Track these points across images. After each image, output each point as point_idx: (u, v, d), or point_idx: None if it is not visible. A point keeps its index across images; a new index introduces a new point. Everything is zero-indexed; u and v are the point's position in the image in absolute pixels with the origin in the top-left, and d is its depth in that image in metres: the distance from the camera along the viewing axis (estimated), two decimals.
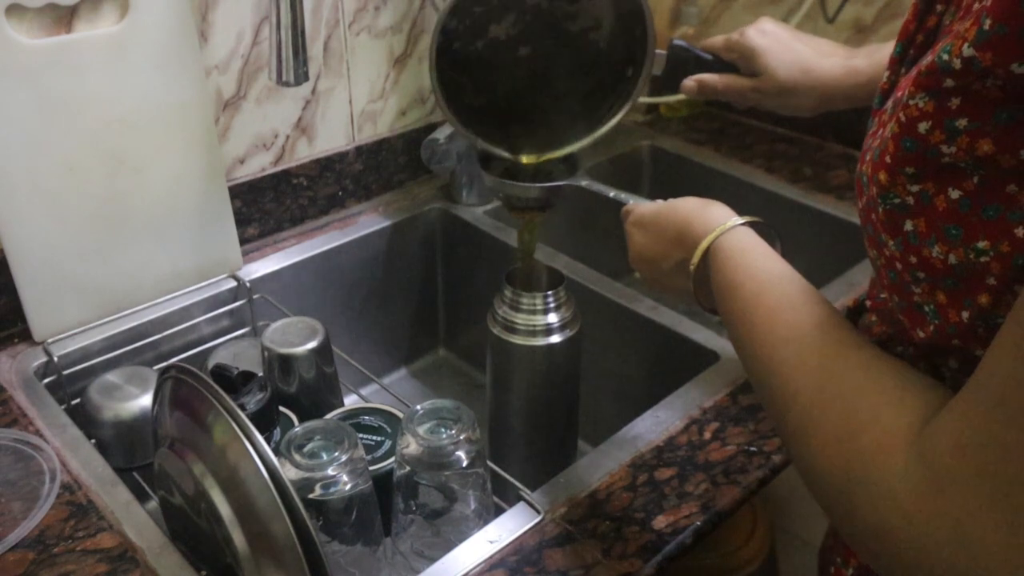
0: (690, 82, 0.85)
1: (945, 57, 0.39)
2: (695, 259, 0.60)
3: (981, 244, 0.40)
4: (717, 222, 0.60)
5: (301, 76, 0.83)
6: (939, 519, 0.37)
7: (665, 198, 0.70)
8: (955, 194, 0.41)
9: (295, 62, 0.82)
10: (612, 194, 0.77)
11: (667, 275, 0.65)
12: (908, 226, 0.43)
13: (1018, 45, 0.36)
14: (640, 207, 0.70)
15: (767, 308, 0.52)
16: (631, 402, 0.91)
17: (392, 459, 0.72)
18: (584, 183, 0.80)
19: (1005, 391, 0.36)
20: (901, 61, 0.51)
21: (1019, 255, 0.38)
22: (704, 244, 0.59)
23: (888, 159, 0.43)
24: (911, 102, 0.41)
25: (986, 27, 0.37)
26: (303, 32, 0.81)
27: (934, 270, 0.43)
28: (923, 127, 0.41)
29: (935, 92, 0.40)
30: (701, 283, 0.61)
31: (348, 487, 0.65)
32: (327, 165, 1.08)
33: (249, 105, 0.99)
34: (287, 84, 0.82)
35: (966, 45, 0.38)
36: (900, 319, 0.47)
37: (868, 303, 0.58)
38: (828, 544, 0.68)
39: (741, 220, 0.60)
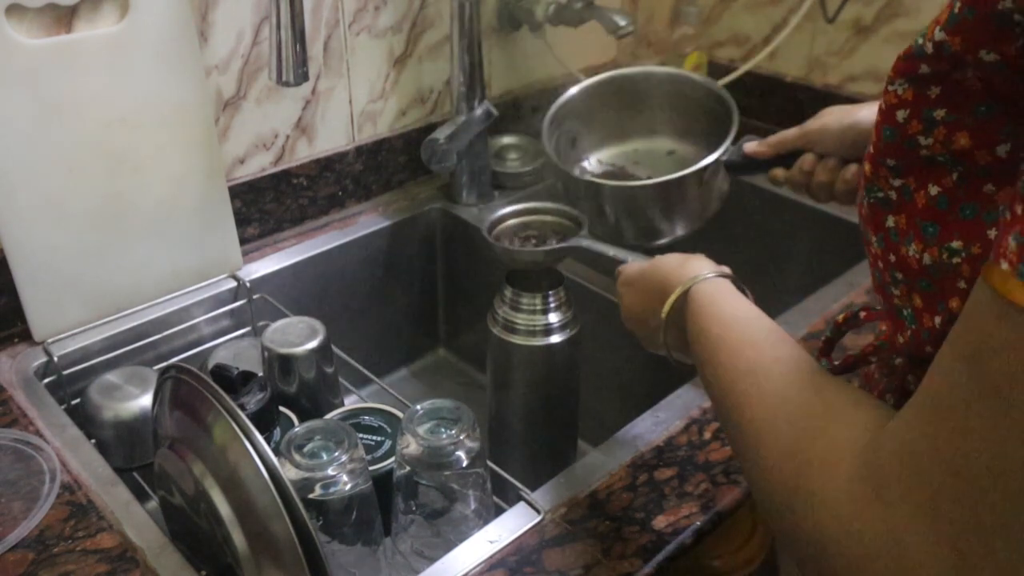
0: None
1: (920, 41, 0.39)
2: (665, 309, 0.62)
3: (955, 244, 0.40)
4: (691, 275, 0.61)
5: (301, 76, 0.83)
6: (875, 527, 0.36)
7: None
8: (934, 190, 0.41)
9: (295, 62, 0.82)
10: (612, 253, 0.79)
11: (655, 331, 0.65)
12: (890, 222, 0.43)
13: (985, 30, 0.35)
14: (628, 267, 0.71)
15: (730, 346, 0.53)
16: (631, 402, 0.91)
17: (392, 459, 0.72)
18: (584, 243, 0.82)
19: (943, 401, 0.34)
20: None
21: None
22: (673, 296, 0.61)
23: (871, 149, 0.43)
24: (891, 88, 0.41)
25: (956, 10, 0.36)
26: (303, 32, 0.81)
27: (910, 270, 0.42)
28: (901, 115, 0.41)
29: (913, 78, 0.40)
30: (674, 335, 0.63)
31: (348, 487, 0.65)
32: (327, 165, 1.08)
33: (249, 105, 0.99)
34: (287, 84, 0.82)
35: (938, 29, 0.37)
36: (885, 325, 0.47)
37: (862, 314, 0.58)
38: None
39: (713, 272, 0.61)
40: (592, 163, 1.02)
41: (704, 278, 0.60)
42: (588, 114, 1.00)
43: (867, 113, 0.74)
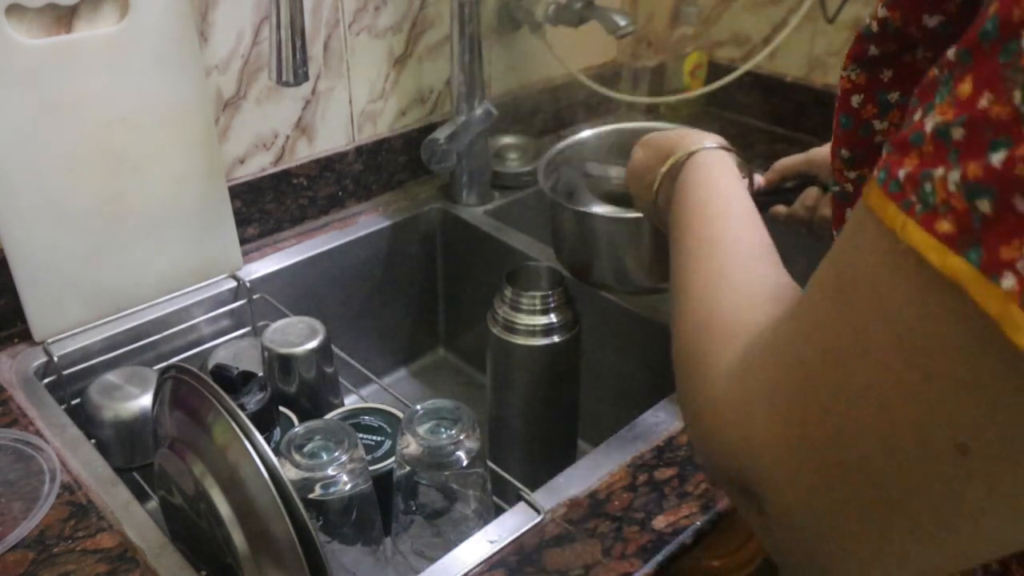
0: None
1: (867, 21, 0.39)
2: (664, 167, 0.63)
3: None
4: (699, 143, 0.62)
5: (301, 76, 0.83)
6: (735, 403, 0.38)
7: None
8: None
9: (295, 62, 0.82)
10: None
11: (648, 187, 0.66)
12: (849, 214, 0.43)
13: None
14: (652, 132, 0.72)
15: (704, 215, 0.54)
16: (631, 402, 0.91)
17: (392, 459, 0.72)
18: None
19: (808, 298, 0.36)
20: None
21: None
22: (674, 157, 0.62)
23: (832, 139, 0.43)
24: (844, 73, 0.41)
25: None
26: (303, 32, 0.81)
27: None
28: (856, 100, 0.41)
29: (864, 62, 0.40)
30: (664, 197, 0.64)
31: (348, 487, 0.65)
32: (327, 165, 1.08)
33: (249, 105, 0.99)
34: (287, 84, 0.82)
35: (880, 6, 0.38)
36: None
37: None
38: None
39: (717, 144, 0.62)
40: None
41: (707, 148, 0.61)
42: (588, 162, 0.98)
43: None
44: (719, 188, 0.57)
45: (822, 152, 0.78)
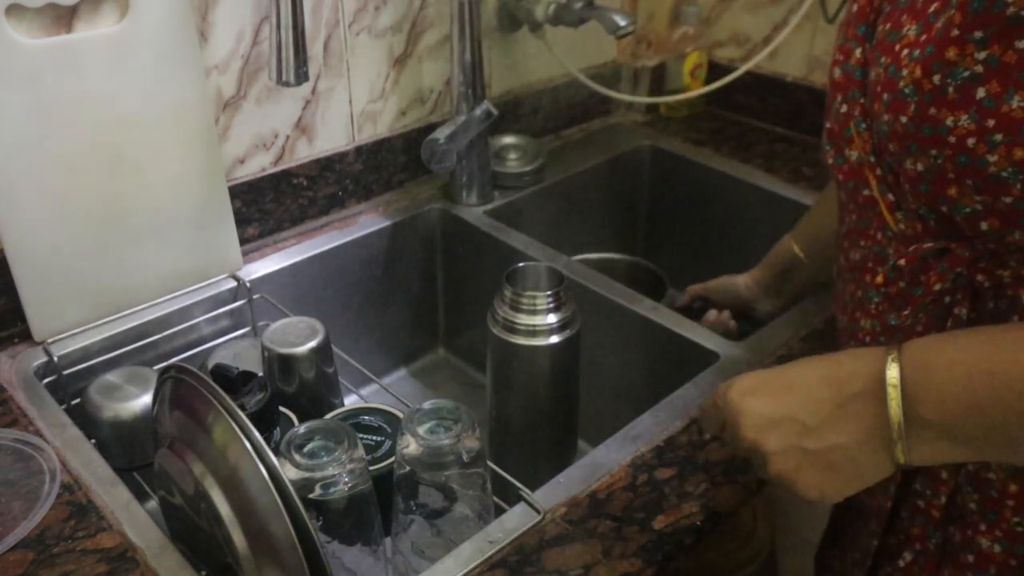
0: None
1: None
2: (892, 373, 0.47)
3: None
4: (866, 352, 0.50)
5: (301, 76, 0.83)
6: None
7: (665, 198, 0.70)
8: (1021, 44, 0.45)
9: (295, 62, 0.82)
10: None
11: (817, 431, 0.50)
12: (981, 93, 0.47)
13: None
14: (736, 380, 0.58)
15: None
16: (631, 402, 0.91)
17: (392, 459, 0.72)
18: None
19: None
20: (866, 36, 0.58)
21: None
22: (893, 365, 0.48)
23: (955, 32, 0.47)
24: None
25: None
26: (303, 32, 0.81)
27: (1013, 124, 0.46)
28: None
29: None
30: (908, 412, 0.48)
31: (348, 487, 0.65)
32: (327, 165, 1.08)
33: (249, 105, 0.99)
34: (287, 84, 0.82)
35: None
36: (971, 209, 0.49)
37: (902, 261, 0.53)
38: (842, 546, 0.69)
39: (884, 357, 0.49)
40: None
41: (897, 347, 0.49)
42: None
43: (743, 280, 1.01)
44: (991, 335, 0.48)
45: (719, 283, 1.02)
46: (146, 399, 0.79)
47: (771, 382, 0.54)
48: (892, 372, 0.47)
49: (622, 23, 1.09)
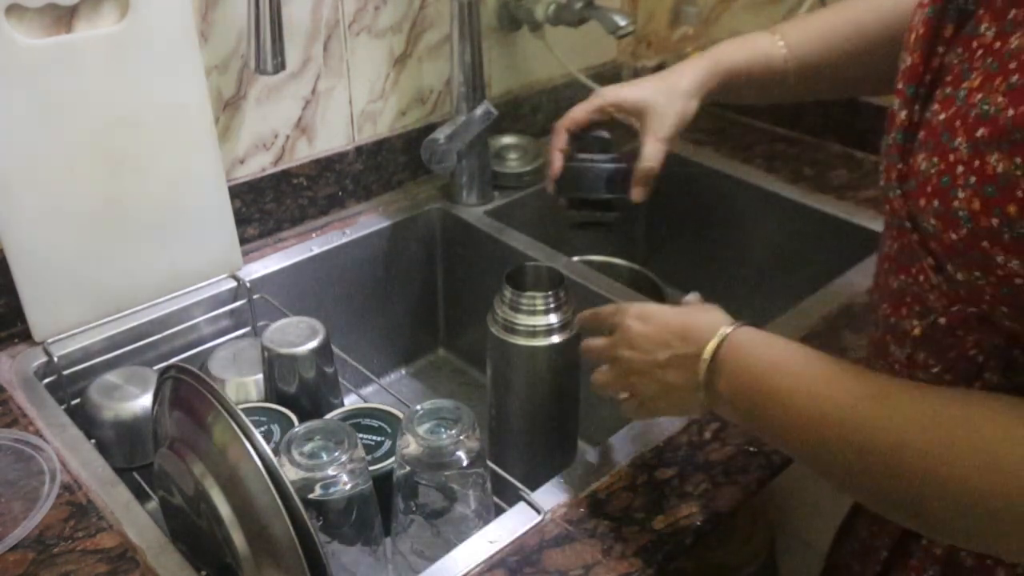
0: (639, 191, 0.84)
1: None
2: (709, 348, 0.59)
3: None
4: (720, 322, 0.61)
5: (278, 65, 0.85)
6: None
7: (665, 198, 0.70)
8: None
9: (272, 50, 0.85)
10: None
11: (659, 366, 0.63)
12: (981, 132, 0.45)
13: None
14: (638, 304, 0.69)
15: (821, 377, 0.54)
16: None
17: (392, 459, 0.72)
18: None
19: None
20: (916, 98, 0.54)
21: None
22: (722, 332, 0.59)
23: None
24: None
25: None
26: (280, 21, 0.82)
27: (986, 176, 0.45)
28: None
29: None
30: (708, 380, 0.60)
31: (348, 487, 0.65)
32: (327, 165, 1.08)
33: (249, 105, 0.99)
34: (264, 72, 0.85)
35: None
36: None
37: (943, 320, 0.56)
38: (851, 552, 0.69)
39: (738, 323, 0.61)
40: None
41: (740, 324, 0.60)
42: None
43: (659, 91, 0.84)
44: (795, 350, 0.57)
45: (625, 98, 0.84)
46: (146, 399, 0.79)
47: (656, 318, 0.65)
48: (711, 346, 0.59)
49: (622, 23, 1.09)
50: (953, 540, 0.54)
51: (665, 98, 0.82)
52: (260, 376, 0.86)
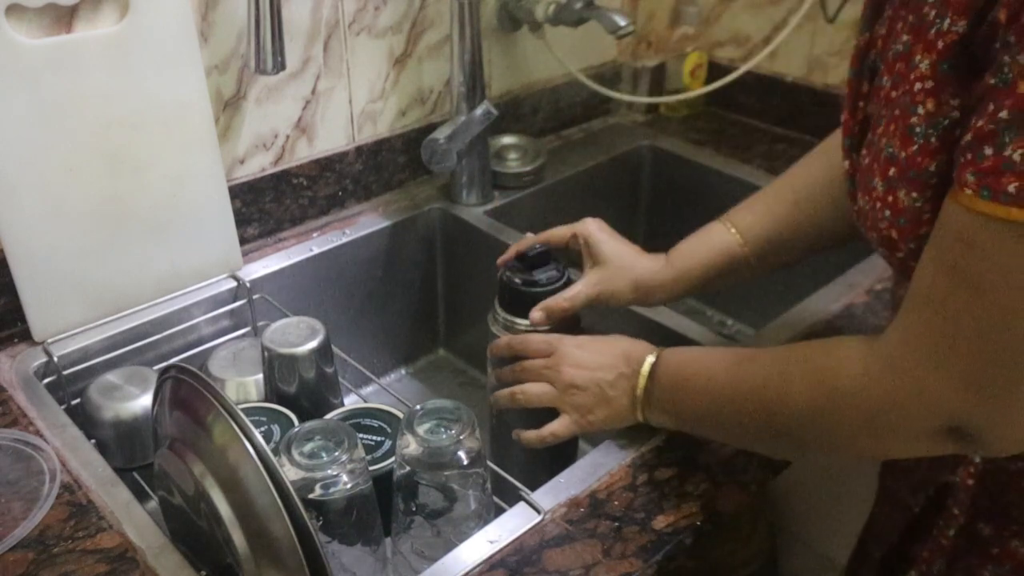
0: (537, 313, 0.81)
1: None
2: (646, 366, 0.71)
3: None
4: (650, 348, 0.72)
5: (278, 65, 0.86)
6: (897, 387, 0.53)
7: (665, 198, 0.70)
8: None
9: (272, 50, 0.85)
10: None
11: (607, 384, 0.72)
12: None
13: None
14: (567, 335, 0.79)
15: (727, 371, 0.65)
16: None
17: (392, 459, 0.72)
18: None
19: (931, 291, 0.50)
20: (851, 148, 0.63)
21: None
22: (652, 357, 0.71)
23: (930, 86, 0.51)
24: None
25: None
26: (280, 21, 0.82)
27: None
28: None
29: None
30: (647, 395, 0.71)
31: (348, 487, 0.65)
32: (327, 165, 1.08)
33: (249, 105, 0.99)
34: (264, 72, 0.85)
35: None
36: None
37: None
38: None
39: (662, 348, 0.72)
40: None
41: (666, 349, 0.72)
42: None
43: (645, 268, 0.84)
44: (713, 354, 0.69)
45: (586, 234, 0.87)
46: (146, 399, 0.79)
47: (594, 345, 0.76)
48: (648, 363, 0.71)
49: (622, 23, 1.09)
50: (819, 451, 0.66)
51: (627, 277, 0.83)
52: (260, 376, 0.86)
